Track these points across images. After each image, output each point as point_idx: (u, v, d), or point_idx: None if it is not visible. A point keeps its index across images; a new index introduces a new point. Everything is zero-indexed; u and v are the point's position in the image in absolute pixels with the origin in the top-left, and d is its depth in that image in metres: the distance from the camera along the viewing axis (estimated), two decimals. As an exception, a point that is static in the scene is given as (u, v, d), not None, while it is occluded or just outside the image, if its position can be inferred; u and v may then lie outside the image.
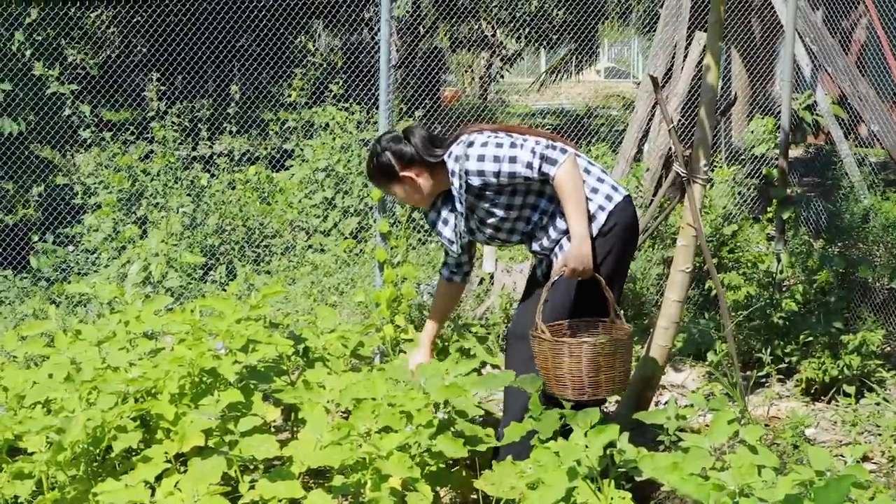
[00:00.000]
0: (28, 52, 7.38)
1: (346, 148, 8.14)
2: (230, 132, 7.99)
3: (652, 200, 6.54)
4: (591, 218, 3.79)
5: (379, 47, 6.03)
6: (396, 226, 6.95)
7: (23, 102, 7.39)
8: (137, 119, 8.05)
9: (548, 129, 10.36)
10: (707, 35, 4.42)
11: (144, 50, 11.03)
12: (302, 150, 8.15)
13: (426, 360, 4.22)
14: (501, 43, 16.32)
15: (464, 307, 6.65)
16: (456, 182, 3.84)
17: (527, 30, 14.85)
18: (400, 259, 6.14)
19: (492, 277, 6.89)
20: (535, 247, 3.96)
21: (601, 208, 3.84)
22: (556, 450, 3.15)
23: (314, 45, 12.09)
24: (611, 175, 4.22)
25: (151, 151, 7.52)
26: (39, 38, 7.49)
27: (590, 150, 9.92)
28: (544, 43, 15.53)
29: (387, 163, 3.96)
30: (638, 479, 3.39)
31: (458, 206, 3.91)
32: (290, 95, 8.54)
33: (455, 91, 17.64)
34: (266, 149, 8.37)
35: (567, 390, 3.60)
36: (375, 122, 7.21)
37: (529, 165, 3.70)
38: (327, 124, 8.39)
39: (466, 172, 3.77)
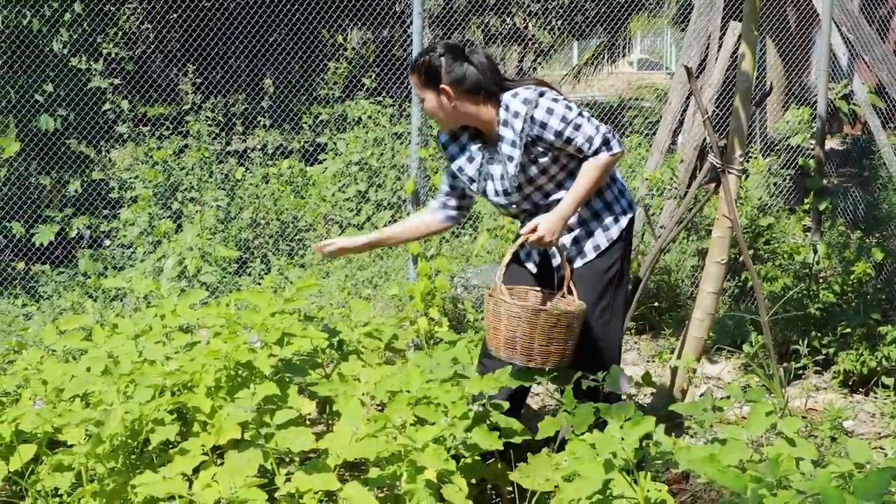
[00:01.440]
0: (66, 50, 7.44)
1: (379, 141, 8.14)
2: (264, 126, 8.02)
3: (686, 192, 6.50)
4: (615, 220, 3.81)
5: (411, 41, 6.03)
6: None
7: (59, 98, 7.46)
8: (172, 114, 8.09)
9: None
10: (742, 24, 4.38)
11: (178, 45, 11.10)
12: (335, 143, 8.16)
13: (348, 241, 4.11)
14: (534, 36, 16.27)
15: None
16: (519, 123, 3.66)
17: (559, 22, 14.79)
18: (433, 252, 6.15)
19: (525, 270, 6.86)
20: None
21: (624, 212, 3.85)
22: (592, 442, 3.14)
23: (346, 40, 12.11)
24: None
25: (186, 146, 7.56)
26: (76, 34, 7.55)
27: (623, 141, 9.88)
28: (577, 35, 15.46)
29: (436, 66, 3.70)
30: (674, 470, 3.38)
31: (507, 148, 3.73)
32: (322, 89, 8.55)
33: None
34: (299, 143, 8.40)
35: (515, 355, 3.61)
36: (408, 116, 7.22)
37: (590, 139, 3.62)
38: (360, 118, 8.40)
39: (532, 119, 3.65)
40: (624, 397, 3.53)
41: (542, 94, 3.67)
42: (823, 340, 5.41)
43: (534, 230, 3.64)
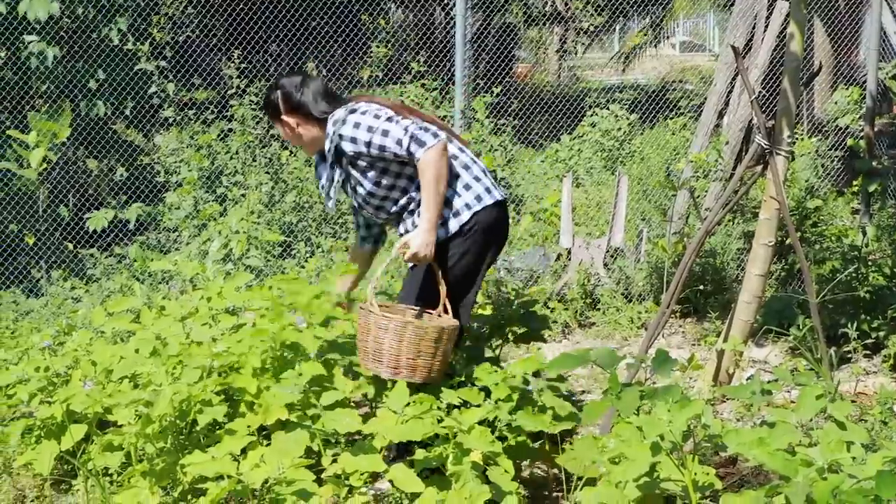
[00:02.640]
0: (119, 37, 7.50)
1: (421, 124, 8.12)
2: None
3: (732, 174, 6.44)
4: (455, 214, 3.80)
5: (453, 24, 6.02)
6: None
7: (108, 83, 7.53)
8: (216, 99, 8.13)
9: (625, 104, 10.26)
10: (791, 4, 4.32)
11: (221, 31, 11.15)
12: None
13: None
14: (575, 17, 16.17)
15: (541, 283, 6.63)
16: (327, 143, 3.88)
17: (601, 3, 14.68)
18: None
19: (569, 253, 6.84)
20: (402, 230, 3.95)
21: (467, 206, 3.82)
22: (639, 424, 3.12)
23: (387, 24, 12.10)
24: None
25: (230, 130, 7.60)
26: (129, 20, 7.62)
27: (667, 124, 9.81)
28: (620, 15, 15.34)
29: (274, 101, 4.00)
30: (722, 454, 3.36)
31: (328, 167, 3.95)
32: (364, 72, 8.54)
33: (528, 67, 17.53)
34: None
35: (381, 367, 3.62)
36: (451, 99, 7.20)
37: (399, 142, 3.69)
38: (402, 102, 8.38)
39: (340, 136, 3.79)
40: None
41: (352, 112, 3.82)
42: (873, 324, 5.34)
43: (405, 248, 3.70)
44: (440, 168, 3.68)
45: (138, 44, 7.25)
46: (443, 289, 3.76)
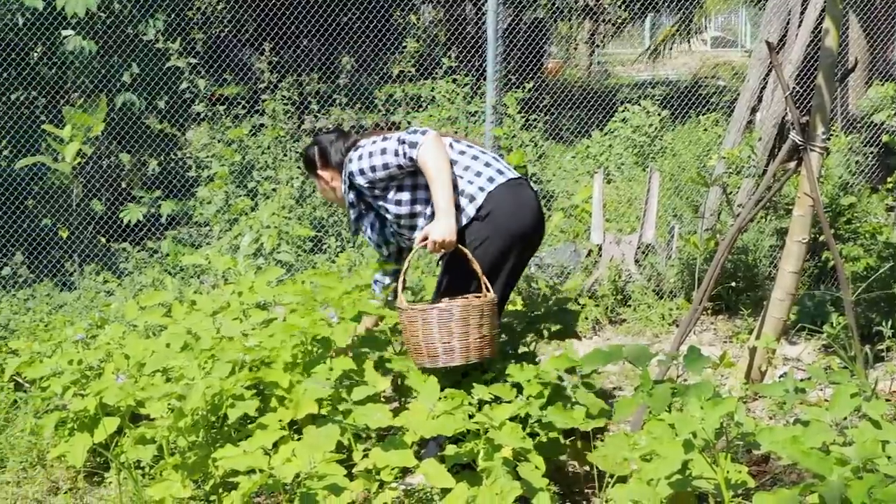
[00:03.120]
0: (153, 32, 7.55)
1: (453, 120, 8.13)
2: (340, 105, 8.04)
3: (765, 170, 6.39)
4: (471, 199, 3.81)
5: (484, 19, 6.00)
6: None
7: (140, 78, 7.58)
8: (246, 94, 8.16)
9: (656, 100, 10.20)
10: (826, -1, 4.28)
11: (252, 26, 11.19)
12: (409, 122, 8.17)
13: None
14: (605, 11, 16.08)
15: (572, 279, 6.61)
16: (342, 187, 4.04)
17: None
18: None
19: (600, 249, 6.81)
20: None
21: (481, 189, 3.83)
22: (671, 421, 3.10)
23: (419, 20, 12.09)
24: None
25: (262, 125, 7.62)
26: (164, 16, 7.66)
27: (699, 120, 9.74)
28: (649, 12, 15.24)
29: (311, 157, 4.18)
30: (755, 452, 3.33)
31: (351, 210, 4.07)
32: (395, 67, 8.54)
33: (558, 62, 17.46)
34: (372, 121, 8.41)
35: (424, 358, 3.65)
36: (482, 94, 7.19)
37: (396, 153, 3.80)
38: (433, 97, 8.39)
39: (351, 175, 3.93)
40: None
41: (356, 149, 3.95)
42: (908, 321, 5.28)
43: (425, 240, 3.73)
44: (438, 156, 3.75)
45: (169, 42, 7.28)
46: (477, 266, 3.73)
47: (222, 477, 3.51)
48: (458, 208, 3.80)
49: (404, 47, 8.48)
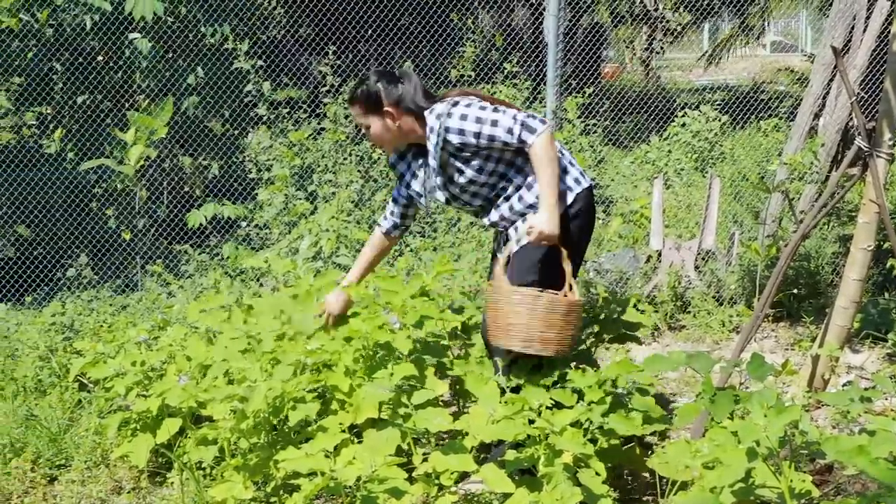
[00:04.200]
0: (218, 36, 7.65)
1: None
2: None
3: (828, 176, 6.31)
4: (560, 195, 3.81)
5: (540, 24, 6.00)
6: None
7: (204, 81, 7.67)
8: (307, 98, 8.21)
9: (716, 105, 10.12)
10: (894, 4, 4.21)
11: (310, 30, 11.26)
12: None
13: (338, 306, 4.26)
14: (663, 16, 15.99)
15: (631, 284, 6.57)
16: (434, 138, 3.86)
17: (691, 2, 14.49)
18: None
19: (659, 255, 6.77)
20: (495, 216, 3.95)
21: (570, 189, 3.87)
22: (735, 429, 3.08)
23: (476, 24, 12.11)
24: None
25: (322, 128, 7.67)
26: (230, 22, 7.76)
27: (759, 125, 9.65)
28: (709, 16, 15.11)
29: (375, 92, 3.96)
30: (819, 461, 3.29)
31: (430, 161, 3.92)
32: (454, 71, 8.56)
33: (616, 67, 17.40)
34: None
35: (514, 341, 3.65)
36: (542, 99, 7.17)
37: (510, 131, 3.73)
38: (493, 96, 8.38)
39: (447, 129, 3.79)
40: None
41: (455, 104, 3.83)
42: (975, 331, 5.19)
43: (531, 228, 3.73)
44: (552, 152, 3.73)
45: (237, 43, 7.35)
46: (568, 267, 3.76)
47: (283, 479, 3.53)
48: (533, 207, 3.85)
49: (462, 51, 8.50)
